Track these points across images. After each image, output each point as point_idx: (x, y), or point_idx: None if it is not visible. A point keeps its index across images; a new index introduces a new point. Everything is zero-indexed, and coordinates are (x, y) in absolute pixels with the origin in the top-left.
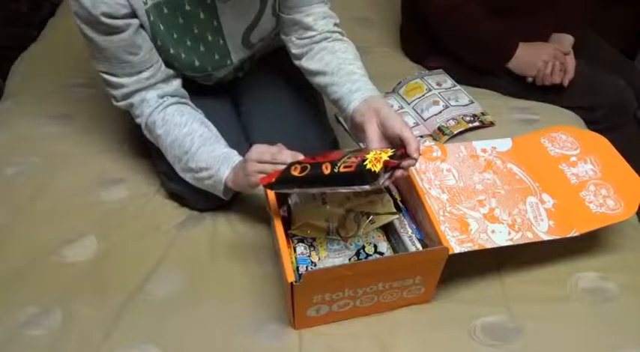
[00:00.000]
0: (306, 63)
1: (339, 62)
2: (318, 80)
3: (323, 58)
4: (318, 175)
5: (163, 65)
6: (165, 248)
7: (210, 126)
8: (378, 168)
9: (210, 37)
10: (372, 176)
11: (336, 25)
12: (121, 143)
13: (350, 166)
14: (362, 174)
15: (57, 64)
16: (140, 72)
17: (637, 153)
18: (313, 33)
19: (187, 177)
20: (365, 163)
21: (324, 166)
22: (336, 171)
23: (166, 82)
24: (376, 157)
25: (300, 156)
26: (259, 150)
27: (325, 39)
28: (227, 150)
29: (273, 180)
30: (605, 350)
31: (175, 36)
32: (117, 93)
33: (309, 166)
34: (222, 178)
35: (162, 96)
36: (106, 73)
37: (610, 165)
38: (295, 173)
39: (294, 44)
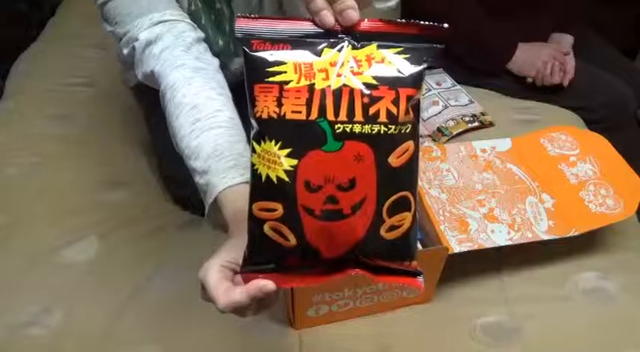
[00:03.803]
0: None
1: None
2: None
3: None
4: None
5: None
6: (165, 249)
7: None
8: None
9: (227, 27)
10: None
11: None
12: (121, 143)
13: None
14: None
15: (57, 64)
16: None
17: (637, 153)
18: None
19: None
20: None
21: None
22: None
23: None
24: None
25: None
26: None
27: None
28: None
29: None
30: (604, 350)
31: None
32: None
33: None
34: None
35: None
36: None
37: (610, 165)
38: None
39: None
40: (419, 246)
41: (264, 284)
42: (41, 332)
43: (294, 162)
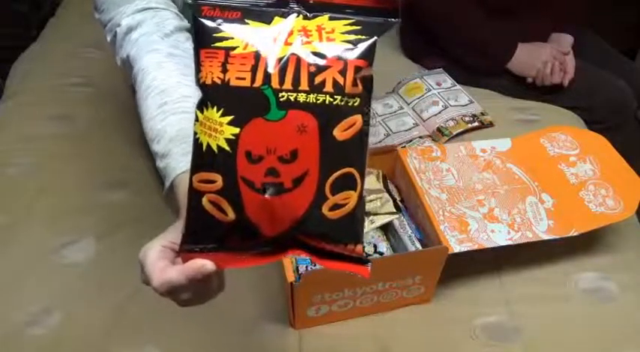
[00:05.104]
0: None
1: None
2: None
3: None
4: None
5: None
6: None
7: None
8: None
9: None
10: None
11: None
12: (121, 143)
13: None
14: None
15: (57, 64)
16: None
17: (637, 153)
18: None
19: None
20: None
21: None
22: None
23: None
24: None
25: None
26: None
27: None
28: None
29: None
30: (604, 350)
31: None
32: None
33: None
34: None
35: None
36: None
37: (609, 165)
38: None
39: None
40: (419, 246)
41: (203, 264)
42: (41, 332)
43: (236, 130)
